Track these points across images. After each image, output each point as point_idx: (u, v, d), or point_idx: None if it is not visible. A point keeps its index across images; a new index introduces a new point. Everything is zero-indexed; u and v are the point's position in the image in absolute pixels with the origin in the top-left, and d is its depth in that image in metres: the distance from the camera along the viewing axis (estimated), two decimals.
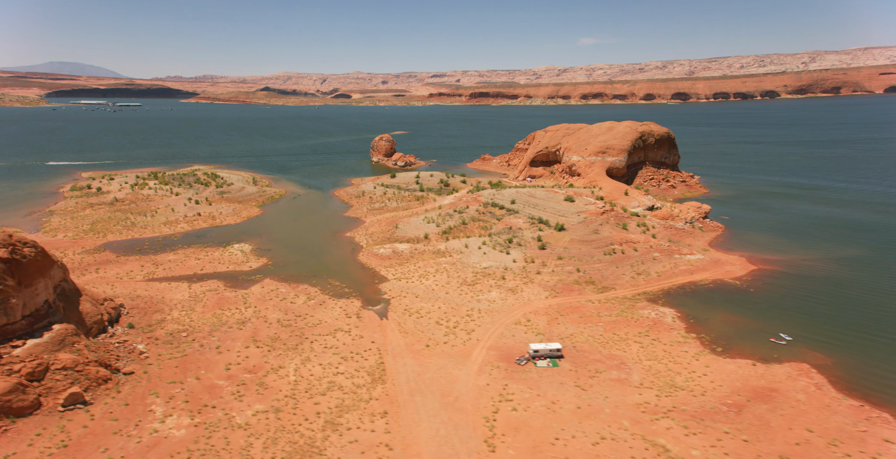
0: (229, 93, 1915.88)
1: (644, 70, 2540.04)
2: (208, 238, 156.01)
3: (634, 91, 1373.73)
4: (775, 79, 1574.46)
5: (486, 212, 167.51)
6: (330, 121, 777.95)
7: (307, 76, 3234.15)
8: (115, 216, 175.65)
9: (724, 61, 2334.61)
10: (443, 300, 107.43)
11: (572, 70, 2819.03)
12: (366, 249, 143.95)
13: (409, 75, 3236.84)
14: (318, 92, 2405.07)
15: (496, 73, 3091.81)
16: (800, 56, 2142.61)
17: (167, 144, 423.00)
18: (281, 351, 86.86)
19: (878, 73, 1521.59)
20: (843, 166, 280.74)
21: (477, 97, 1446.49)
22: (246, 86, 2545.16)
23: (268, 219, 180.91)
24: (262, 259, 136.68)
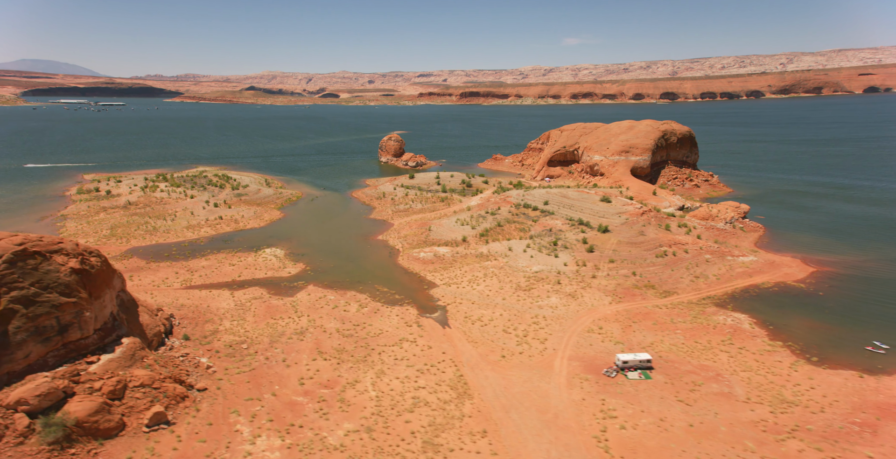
0: (215, 92, 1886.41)
1: (629, 70, 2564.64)
2: (235, 242, 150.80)
3: (623, 90, 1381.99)
4: (760, 79, 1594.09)
5: (520, 213, 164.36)
6: (325, 121, 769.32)
7: (292, 75, 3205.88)
8: (134, 220, 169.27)
9: (705, 62, 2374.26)
10: (501, 306, 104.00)
11: (558, 70, 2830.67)
12: (404, 253, 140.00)
13: (396, 75, 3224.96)
14: (305, 91, 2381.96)
15: (483, 72, 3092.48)
16: (778, 57, 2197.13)
17: (164, 145, 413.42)
18: (351, 363, 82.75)
19: (857, 73, 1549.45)
20: (858, 164, 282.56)
21: (467, 96, 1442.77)
22: (230, 85, 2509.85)
23: (291, 221, 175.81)
24: (300, 264, 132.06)
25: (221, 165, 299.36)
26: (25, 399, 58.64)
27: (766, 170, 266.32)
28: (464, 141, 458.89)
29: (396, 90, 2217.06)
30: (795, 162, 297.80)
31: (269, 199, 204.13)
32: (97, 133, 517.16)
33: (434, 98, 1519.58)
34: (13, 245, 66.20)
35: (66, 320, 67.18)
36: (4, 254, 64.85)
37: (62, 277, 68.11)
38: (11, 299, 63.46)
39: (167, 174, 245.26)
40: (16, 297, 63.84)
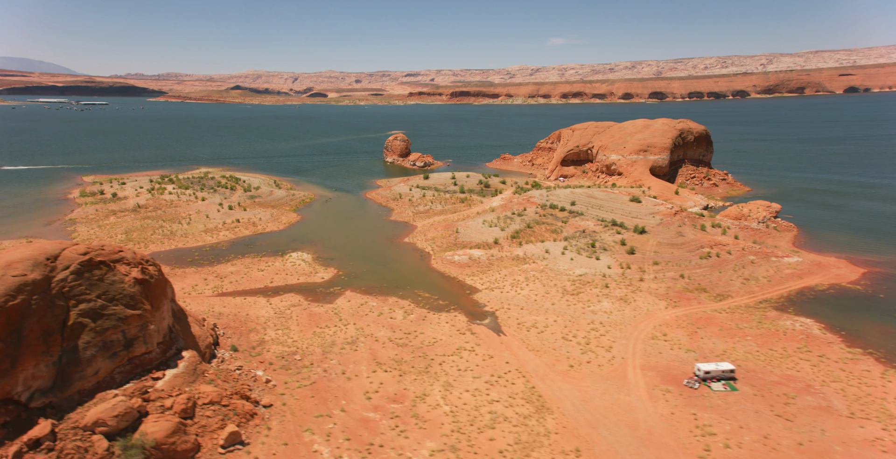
0: (200, 91, 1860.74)
1: (614, 70, 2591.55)
2: (258, 246, 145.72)
3: (613, 90, 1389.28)
4: (745, 79, 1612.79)
5: (547, 214, 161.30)
6: (319, 120, 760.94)
7: (278, 74, 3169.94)
8: (148, 224, 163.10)
9: (689, 62, 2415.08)
10: (553, 312, 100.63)
11: (545, 69, 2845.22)
12: (435, 256, 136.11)
13: (383, 74, 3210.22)
14: (292, 91, 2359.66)
15: (470, 72, 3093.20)
16: (758, 57, 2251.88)
17: (159, 146, 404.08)
18: (413, 375, 78.76)
19: (838, 74, 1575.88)
20: (868, 162, 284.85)
21: (457, 96, 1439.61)
22: (214, 84, 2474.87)
23: (310, 224, 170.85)
24: (331, 269, 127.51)
25: (224, 166, 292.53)
26: (103, 420, 54.03)
27: (777, 169, 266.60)
28: (465, 140, 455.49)
29: (385, 90, 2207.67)
30: (803, 160, 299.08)
31: (282, 201, 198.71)
32: (86, 133, 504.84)
33: (424, 97, 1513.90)
34: (78, 254, 61.41)
35: (131, 334, 62.55)
36: (71, 265, 60.05)
37: (127, 288, 63.44)
38: (80, 312, 58.76)
39: (172, 176, 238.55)
40: (84, 310, 59.17)
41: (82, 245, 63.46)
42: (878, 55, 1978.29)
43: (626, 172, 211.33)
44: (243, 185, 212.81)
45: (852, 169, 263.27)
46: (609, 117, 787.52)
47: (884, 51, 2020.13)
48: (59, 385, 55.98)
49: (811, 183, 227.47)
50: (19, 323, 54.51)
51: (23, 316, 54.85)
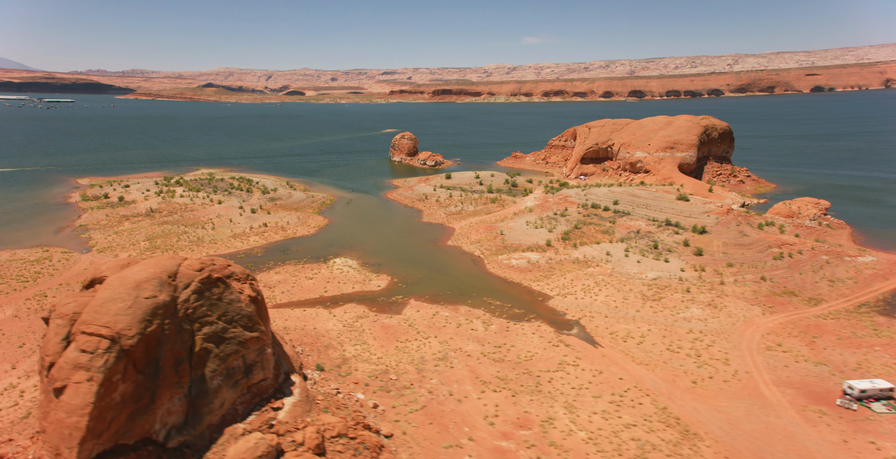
0: (172, 89, 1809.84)
1: (589, 69, 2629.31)
2: (295, 252, 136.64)
3: (593, 88, 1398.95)
4: (719, 78, 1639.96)
5: (591, 214, 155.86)
6: (307, 119, 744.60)
7: (251, 72, 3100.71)
8: (169, 229, 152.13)
9: (660, 61, 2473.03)
10: (641, 319, 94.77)
11: (522, 68, 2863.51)
12: (489, 260, 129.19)
13: (360, 72, 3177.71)
14: (266, 89, 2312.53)
15: (448, 70, 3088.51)
16: (725, 58, 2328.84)
17: (147, 146, 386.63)
18: (527, 395, 71.84)
19: (805, 74, 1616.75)
20: (877, 158, 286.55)
21: (439, 94, 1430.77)
22: (185, 82, 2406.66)
23: (341, 227, 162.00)
24: (383, 276, 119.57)
25: (225, 167, 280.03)
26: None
27: (790, 165, 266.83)
28: (465, 139, 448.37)
29: (363, 88, 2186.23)
30: (811, 156, 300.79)
31: (303, 204, 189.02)
32: (63, 133, 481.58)
33: (405, 96, 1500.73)
34: (194, 270, 52.97)
35: (250, 359, 54.43)
36: (191, 283, 51.59)
37: (244, 308, 55.18)
38: (204, 337, 50.49)
39: (178, 177, 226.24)
40: (208, 334, 50.94)
41: (195, 260, 54.88)
42: (833, 57, 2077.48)
43: (654, 170, 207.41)
44: (259, 187, 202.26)
45: (866, 164, 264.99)
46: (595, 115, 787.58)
47: (838, 53, 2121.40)
48: (190, 420, 47.85)
49: (834, 178, 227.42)
50: (156, 352, 46.17)
51: (159, 343, 46.47)
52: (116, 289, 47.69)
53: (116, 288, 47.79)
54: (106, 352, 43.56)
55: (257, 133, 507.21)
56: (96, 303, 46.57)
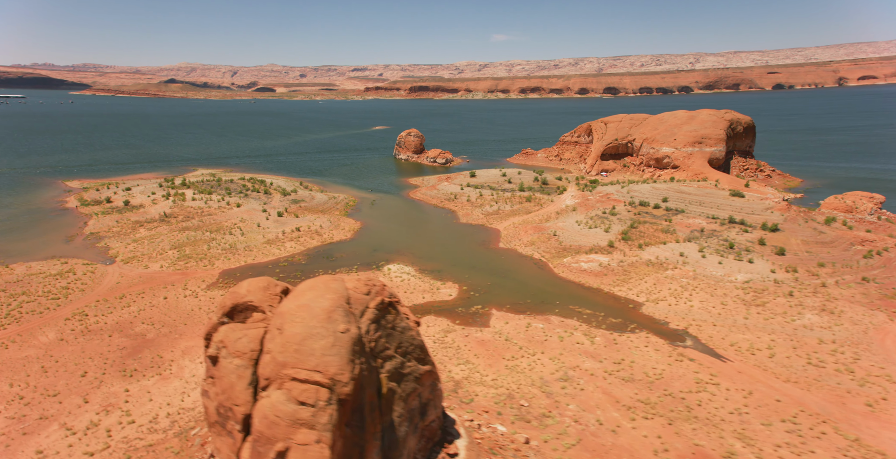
0: (134, 85, 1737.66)
1: (559, 66, 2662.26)
2: (339, 259, 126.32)
3: (569, 85, 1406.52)
4: (688, 75, 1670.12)
5: (641, 212, 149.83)
6: (289, 116, 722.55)
7: (214, 68, 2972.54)
8: (193, 236, 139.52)
9: (627, 59, 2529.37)
10: (754, 328, 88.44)
11: (493, 65, 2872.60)
12: (553, 263, 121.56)
13: (329, 68, 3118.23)
14: (233, 85, 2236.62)
15: (419, 67, 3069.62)
16: (686, 56, 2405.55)
17: (129, 145, 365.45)
18: (685, 422, 64.31)
19: (766, 72, 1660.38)
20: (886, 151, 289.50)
21: (416, 91, 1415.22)
22: (144, 77, 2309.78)
23: (377, 230, 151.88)
24: (449, 283, 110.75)
25: (224, 167, 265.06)
26: None
27: (802, 159, 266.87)
28: (462, 136, 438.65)
29: (335, 84, 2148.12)
30: (815, 150, 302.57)
31: (328, 206, 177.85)
32: (28, 132, 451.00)
33: (381, 92, 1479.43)
34: (362, 294, 43.38)
35: (425, 397, 45.51)
36: (366, 310, 42.13)
37: (416, 337, 46.09)
38: (388, 375, 41.22)
39: (181, 179, 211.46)
40: (390, 372, 41.84)
41: (359, 281, 45.33)
42: (784, 56, 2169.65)
43: (684, 165, 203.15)
44: (277, 189, 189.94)
45: (878, 157, 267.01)
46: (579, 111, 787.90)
47: (789, 53, 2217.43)
48: None
49: (856, 172, 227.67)
50: (360, 398, 36.63)
51: (362, 388, 36.93)
52: (308, 322, 37.97)
53: (308, 321, 38.08)
54: (328, 404, 34.07)
55: (243, 131, 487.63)
56: (292, 341, 36.79)
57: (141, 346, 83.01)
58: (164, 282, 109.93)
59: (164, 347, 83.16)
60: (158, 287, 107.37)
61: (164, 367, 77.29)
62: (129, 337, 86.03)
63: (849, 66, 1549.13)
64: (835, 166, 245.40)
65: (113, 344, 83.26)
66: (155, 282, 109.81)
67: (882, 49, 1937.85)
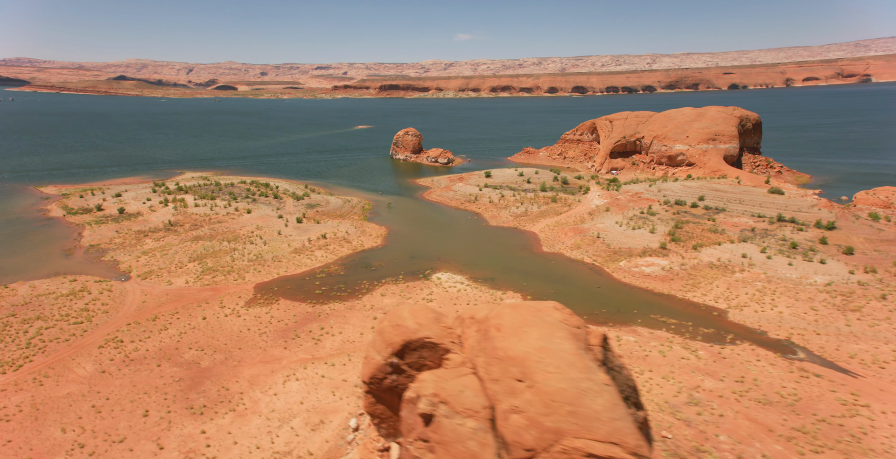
0: (81, 81, 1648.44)
1: (523, 66, 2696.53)
2: (379, 268, 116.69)
3: (539, 84, 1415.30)
4: (651, 75, 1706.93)
5: (680, 211, 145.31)
6: (263, 115, 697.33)
7: (168, 64, 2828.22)
8: (210, 246, 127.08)
9: (588, 59, 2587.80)
10: (863, 336, 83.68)
11: (458, 64, 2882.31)
12: (609, 267, 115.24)
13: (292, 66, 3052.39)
14: (190, 82, 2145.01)
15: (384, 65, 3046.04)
16: (644, 57, 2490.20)
17: (96, 147, 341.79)
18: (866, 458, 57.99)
19: (723, 73, 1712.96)
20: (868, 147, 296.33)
21: (387, 90, 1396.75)
22: (90, 73, 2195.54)
23: (407, 235, 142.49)
24: (509, 292, 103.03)
25: (214, 170, 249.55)
26: None
27: (792, 155, 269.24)
28: (452, 135, 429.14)
29: (299, 83, 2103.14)
30: (801, 146, 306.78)
31: (345, 210, 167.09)
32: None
33: (350, 91, 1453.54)
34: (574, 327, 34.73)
35: None
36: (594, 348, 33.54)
37: (630, 376, 39.76)
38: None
39: (175, 183, 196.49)
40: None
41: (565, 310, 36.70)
42: (732, 58, 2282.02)
43: (700, 162, 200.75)
44: (287, 193, 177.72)
45: (866, 153, 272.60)
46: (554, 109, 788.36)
47: (735, 55, 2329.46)
48: None
49: (856, 167, 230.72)
50: None
51: None
52: (566, 372, 29.31)
53: (565, 370, 29.41)
54: None
55: (220, 131, 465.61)
56: (558, 399, 28.04)
57: (199, 377, 72.08)
58: (195, 300, 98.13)
59: (225, 377, 72.46)
60: (191, 305, 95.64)
61: (235, 401, 66.83)
62: (180, 365, 74.83)
63: (794, 68, 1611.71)
64: (832, 162, 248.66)
65: (166, 375, 72.03)
66: (185, 300, 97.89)
67: (816, 53, 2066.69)
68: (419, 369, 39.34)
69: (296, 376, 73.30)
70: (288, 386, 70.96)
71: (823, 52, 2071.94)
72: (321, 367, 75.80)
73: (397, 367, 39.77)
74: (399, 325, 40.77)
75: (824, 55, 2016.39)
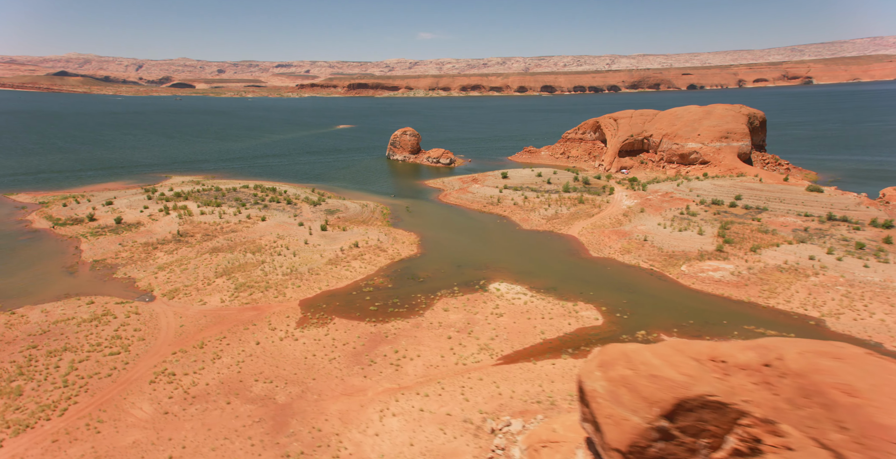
0: (16, 77, 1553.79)
1: (487, 65, 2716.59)
2: (428, 280, 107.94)
3: (508, 83, 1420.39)
4: (616, 75, 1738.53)
5: (720, 211, 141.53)
6: (235, 115, 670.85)
7: (114, 60, 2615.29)
8: (233, 259, 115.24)
9: (550, 60, 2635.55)
10: None
11: (423, 63, 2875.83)
12: (670, 273, 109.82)
13: (251, 64, 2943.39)
14: (142, 79, 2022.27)
15: (348, 64, 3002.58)
16: (603, 58, 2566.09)
17: (58, 149, 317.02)
18: None
19: (681, 73, 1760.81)
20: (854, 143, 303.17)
21: (355, 89, 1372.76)
22: (24, 68, 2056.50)
23: (441, 242, 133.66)
24: (581, 303, 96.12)
25: (203, 173, 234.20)
26: None
27: (793, 152, 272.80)
28: (440, 135, 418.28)
29: (261, 81, 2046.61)
30: (788, 144, 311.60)
31: (366, 216, 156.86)
32: None
33: (318, 90, 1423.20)
34: None
35: None
36: None
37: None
38: None
39: (168, 189, 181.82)
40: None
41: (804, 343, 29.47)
42: (684, 60, 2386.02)
43: (714, 160, 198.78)
44: (304, 199, 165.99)
45: (855, 150, 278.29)
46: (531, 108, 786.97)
47: (688, 57, 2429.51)
48: None
49: (854, 164, 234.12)
50: None
51: None
52: None
53: None
54: None
55: (193, 131, 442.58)
56: None
57: (281, 416, 61.99)
58: (238, 322, 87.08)
59: (312, 415, 62.60)
60: (237, 328, 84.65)
61: (334, 446, 57.23)
62: (254, 402, 64.44)
63: (745, 69, 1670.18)
64: (828, 159, 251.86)
65: (242, 415, 61.60)
66: (228, 322, 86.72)
67: (758, 56, 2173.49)
68: (696, 435, 31.23)
69: (391, 411, 63.96)
70: (387, 424, 61.58)
71: (765, 56, 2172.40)
72: (415, 399, 66.62)
73: (667, 433, 31.48)
74: (658, 377, 32.56)
75: (765, 58, 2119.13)
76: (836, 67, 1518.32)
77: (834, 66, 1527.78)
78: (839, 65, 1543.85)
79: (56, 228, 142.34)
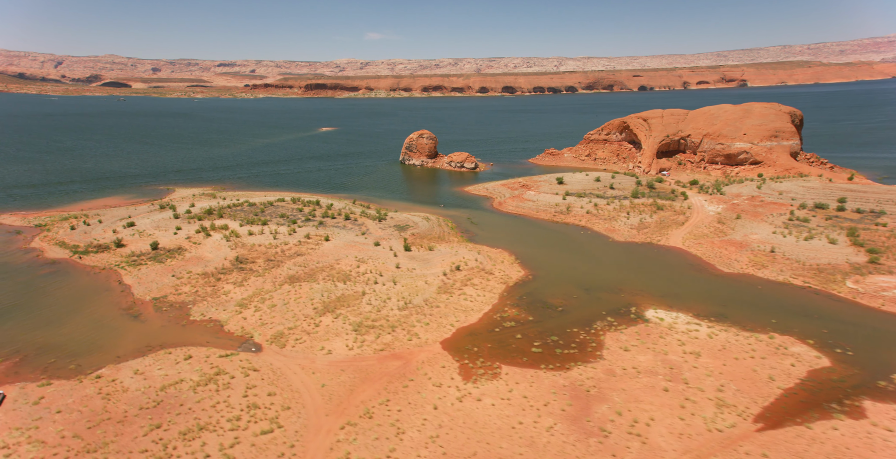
0: None
1: (440, 66, 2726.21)
2: (566, 309, 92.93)
3: (469, 84, 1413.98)
4: (572, 77, 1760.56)
5: (831, 216, 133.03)
6: (201, 118, 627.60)
7: (28, 56, 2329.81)
8: (324, 290, 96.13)
9: (501, 61, 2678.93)
10: None
11: (375, 63, 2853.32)
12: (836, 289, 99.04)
13: (189, 63, 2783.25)
14: (64, 77, 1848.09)
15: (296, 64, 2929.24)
16: (551, 60, 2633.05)
17: (19, 160, 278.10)
18: None
19: (632, 75, 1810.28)
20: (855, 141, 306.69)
21: (313, 89, 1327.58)
22: None
23: (542, 262, 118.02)
24: (775, 335, 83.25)
25: (209, 184, 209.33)
26: None
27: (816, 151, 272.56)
28: None
29: (204, 80, 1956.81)
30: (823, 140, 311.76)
31: (438, 232, 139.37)
32: None
33: (273, 90, 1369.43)
34: None
35: None
36: None
37: None
38: None
39: (180, 206, 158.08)
40: None
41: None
42: (625, 63, 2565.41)
43: (767, 160, 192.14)
44: (362, 213, 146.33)
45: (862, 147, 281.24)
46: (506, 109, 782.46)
47: (628, 60, 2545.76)
48: None
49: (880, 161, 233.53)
50: None
51: None
52: None
53: None
54: None
55: (167, 136, 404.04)
56: None
57: None
58: (386, 376, 69.39)
59: None
60: (391, 386, 67.33)
61: None
62: None
63: (689, 72, 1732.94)
64: (856, 156, 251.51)
65: None
66: (377, 379, 68.93)
67: (689, 60, 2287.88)
68: None
69: None
70: None
71: (696, 60, 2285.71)
72: None
73: None
74: None
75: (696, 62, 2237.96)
76: (766, 72, 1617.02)
77: (764, 71, 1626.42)
78: (768, 69, 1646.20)
79: (80, 257, 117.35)
